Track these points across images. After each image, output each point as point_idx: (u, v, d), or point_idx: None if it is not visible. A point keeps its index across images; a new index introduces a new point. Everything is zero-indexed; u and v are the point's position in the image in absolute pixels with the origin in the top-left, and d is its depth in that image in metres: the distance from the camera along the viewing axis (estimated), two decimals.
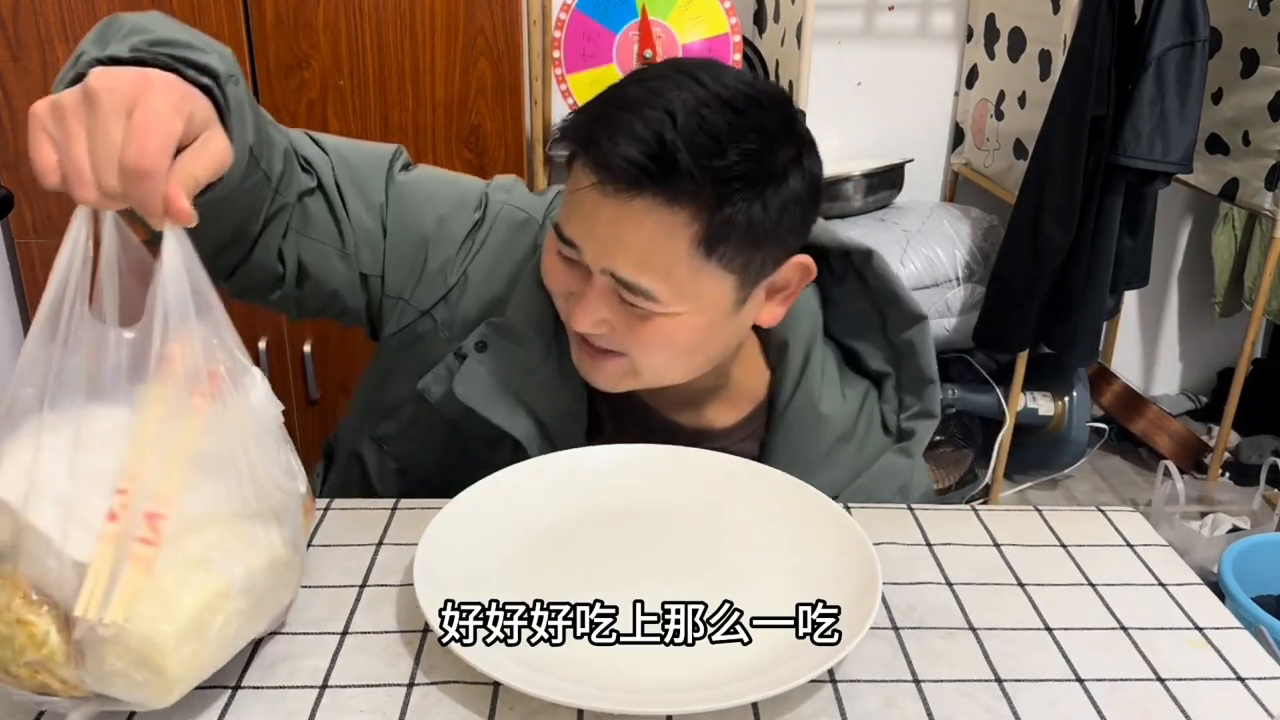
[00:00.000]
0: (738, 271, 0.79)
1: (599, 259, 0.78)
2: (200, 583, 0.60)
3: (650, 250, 0.75)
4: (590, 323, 0.81)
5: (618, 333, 0.81)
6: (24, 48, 1.78)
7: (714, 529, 0.85)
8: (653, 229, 0.74)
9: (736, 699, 0.64)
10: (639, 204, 0.74)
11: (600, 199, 0.75)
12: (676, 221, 0.74)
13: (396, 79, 1.84)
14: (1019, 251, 2.11)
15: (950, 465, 2.34)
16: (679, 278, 0.77)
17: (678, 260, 0.76)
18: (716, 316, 0.81)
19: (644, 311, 0.79)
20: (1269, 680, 0.73)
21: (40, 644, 0.57)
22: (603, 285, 0.79)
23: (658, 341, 0.81)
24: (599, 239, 0.77)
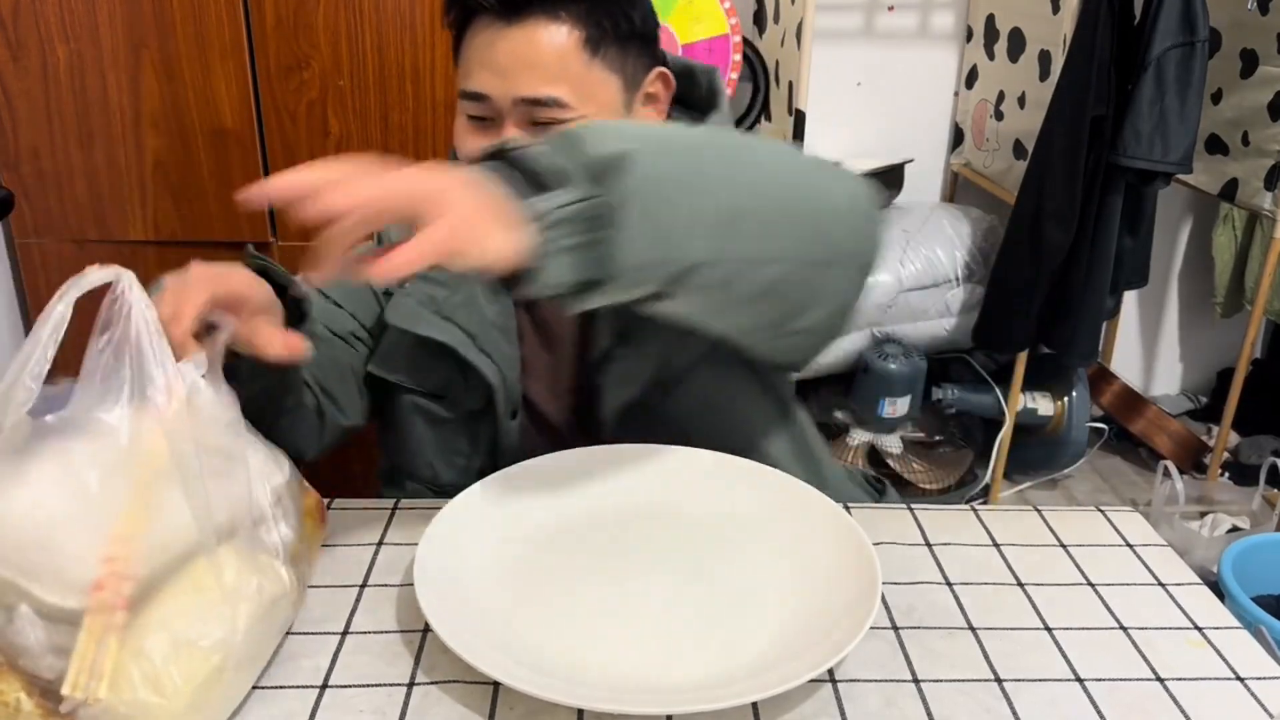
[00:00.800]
0: (618, 72, 0.90)
1: (507, 91, 0.86)
2: (194, 664, 0.58)
3: (547, 62, 0.85)
4: None
5: None
6: (24, 48, 1.78)
7: (714, 529, 0.85)
8: (544, 43, 0.85)
9: (736, 699, 0.64)
10: (528, 25, 0.85)
11: (494, 36, 0.86)
12: (561, 31, 0.86)
13: (397, 79, 1.84)
14: (1019, 252, 2.11)
15: (950, 465, 2.34)
16: (575, 78, 0.86)
17: (570, 64, 0.86)
18: (613, 118, 0.90)
19: (556, 123, 0.86)
20: (1269, 680, 0.73)
21: (15, 710, 0.56)
22: (515, 119, 0.87)
23: None
24: (502, 71, 0.86)
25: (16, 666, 0.56)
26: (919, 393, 2.26)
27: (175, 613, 0.59)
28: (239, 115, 1.84)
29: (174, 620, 0.59)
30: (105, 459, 0.59)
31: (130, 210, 1.89)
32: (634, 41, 0.90)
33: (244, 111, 1.84)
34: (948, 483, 2.30)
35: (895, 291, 2.21)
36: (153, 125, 1.85)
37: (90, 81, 1.81)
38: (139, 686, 0.56)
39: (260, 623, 0.64)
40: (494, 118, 0.89)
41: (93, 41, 1.78)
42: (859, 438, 2.33)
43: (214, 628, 0.60)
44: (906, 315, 2.25)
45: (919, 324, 2.27)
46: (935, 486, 2.27)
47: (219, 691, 0.61)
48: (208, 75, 1.82)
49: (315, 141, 1.88)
